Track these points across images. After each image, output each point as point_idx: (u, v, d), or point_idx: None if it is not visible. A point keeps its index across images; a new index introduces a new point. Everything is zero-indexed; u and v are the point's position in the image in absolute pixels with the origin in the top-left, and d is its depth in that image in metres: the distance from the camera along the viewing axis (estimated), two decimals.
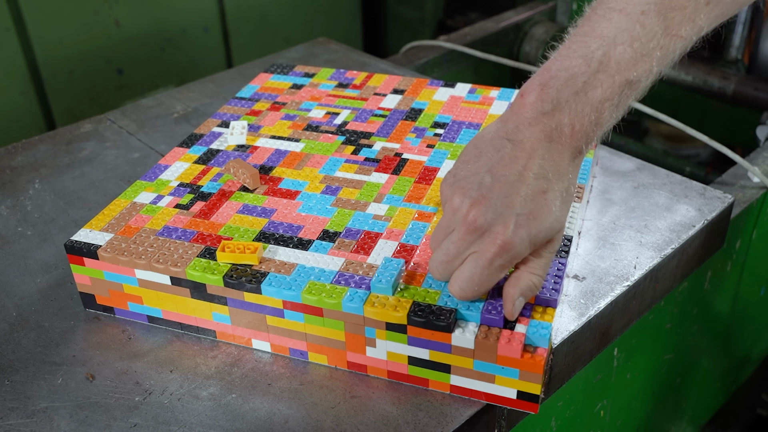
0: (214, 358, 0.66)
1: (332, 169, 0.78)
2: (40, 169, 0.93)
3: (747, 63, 1.44)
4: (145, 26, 1.62)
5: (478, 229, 0.54)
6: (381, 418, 0.59)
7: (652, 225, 0.77)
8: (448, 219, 0.57)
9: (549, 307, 0.60)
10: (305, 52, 1.23)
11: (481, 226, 0.54)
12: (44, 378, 0.64)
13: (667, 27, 0.54)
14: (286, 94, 0.94)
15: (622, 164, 0.88)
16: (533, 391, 0.58)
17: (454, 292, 0.57)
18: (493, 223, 0.54)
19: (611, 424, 0.93)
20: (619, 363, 0.86)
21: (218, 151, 0.82)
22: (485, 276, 0.55)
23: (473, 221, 0.54)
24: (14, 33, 1.45)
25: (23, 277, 0.75)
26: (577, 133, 0.55)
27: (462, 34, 1.45)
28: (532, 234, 0.55)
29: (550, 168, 0.55)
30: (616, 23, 0.54)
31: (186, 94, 1.10)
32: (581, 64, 0.55)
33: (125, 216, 0.71)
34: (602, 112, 0.55)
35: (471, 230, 0.54)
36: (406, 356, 0.60)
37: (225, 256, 0.64)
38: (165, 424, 0.59)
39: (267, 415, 0.60)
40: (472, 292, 0.56)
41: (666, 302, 0.89)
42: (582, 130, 0.55)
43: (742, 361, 1.26)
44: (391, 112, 0.89)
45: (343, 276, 0.62)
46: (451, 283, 0.57)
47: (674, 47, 0.55)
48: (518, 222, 0.54)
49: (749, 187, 0.96)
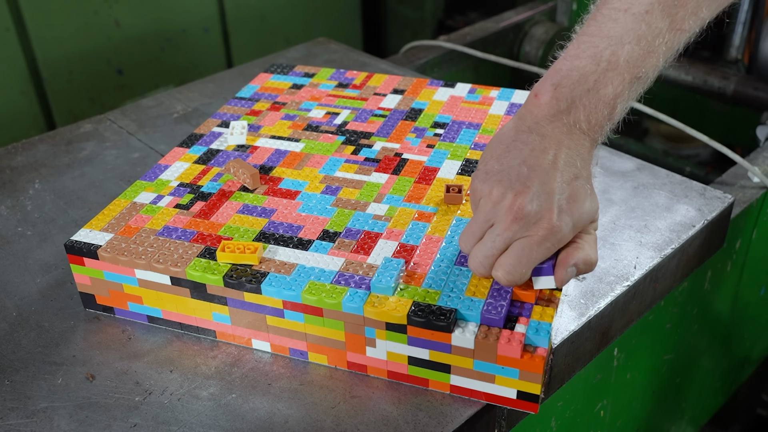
0: (214, 358, 0.66)
1: (332, 169, 0.78)
2: (40, 169, 0.93)
3: (747, 63, 1.44)
4: (145, 26, 1.62)
5: (525, 217, 0.55)
6: (381, 418, 0.59)
7: (652, 225, 0.77)
8: (486, 213, 0.57)
9: (548, 307, 0.60)
10: (305, 52, 1.23)
11: (528, 213, 0.55)
12: (44, 378, 0.64)
13: (671, 23, 0.56)
14: (286, 94, 0.94)
15: (622, 164, 0.88)
16: (533, 391, 0.58)
17: (500, 278, 0.57)
18: (540, 210, 0.55)
19: (611, 424, 0.93)
20: (619, 363, 0.86)
21: (218, 151, 0.82)
22: (533, 257, 0.56)
23: (520, 209, 0.55)
24: (14, 33, 1.44)
25: (23, 277, 0.75)
26: (594, 126, 0.58)
27: (462, 34, 1.45)
28: (575, 217, 0.56)
29: (577, 156, 0.57)
30: (622, 23, 0.56)
31: (186, 94, 1.10)
32: (591, 63, 0.56)
33: (125, 216, 0.71)
34: (614, 108, 0.57)
35: (518, 218, 0.55)
36: (406, 356, 0.61)
37: (225, 256, 0.64)
38: (165, 424, 0.59)
39: (267, 415, 0.60)
40: (520, 275, 0.57)
41: (666, 302, 0.89)
42: (597, 124, 0.58)
43: (742, 361, 1.26)
44: (391, 112, 0.89)
45: (343, 276, 0.62)
46: (496, 268, 0.57)
47: (679, 40, 0.57)
48: (561, 206, 0.55)
49: (749, 187, 0.96)
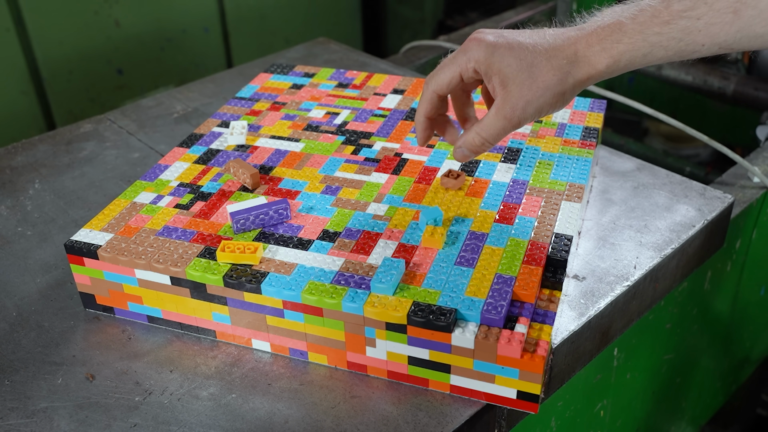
0: (214, 358, 0.66)
1: (332, 169, 0.78)
2: (40, 169, 0.93)
3: (747, 63, 1.44)
4: (145, 26, 1.62)
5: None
6: (381, 418, 0.59)
7: (652, 225, 0.77)
8: None
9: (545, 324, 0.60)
10: (305, 52, 1.23)
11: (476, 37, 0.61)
12: (44, 378, 0.64)
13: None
14: (286, 94, 0.94)
15: (622, 164, 0.88)
16: (533, 391, 0.58)
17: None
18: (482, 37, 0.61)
19: (611, 424, 0.93)
20: (619, 363, 0.86)
21: (218, 151, 0.82)
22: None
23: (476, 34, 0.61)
24: (14, 33, 1.44)
25: (23, 277, 0.75)
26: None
27: (462, 34, 1.45)
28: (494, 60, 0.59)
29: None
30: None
31: (186, 94, 1.10)
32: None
33: (125, 216, 0.71)
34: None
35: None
36: (406, 356, 0.61)
37: (225, 256, 0.64)
38: (165, 424, 0.59)
39: (267, 415, 0.60)
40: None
41: (666, 302, 0.89)
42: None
43: (742, 361, 1.26)
44: (391, 112, 0.89)
45: (343, 276, 0.62)
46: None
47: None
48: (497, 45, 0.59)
49: (749, 187, 0.96)
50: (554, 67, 0.59)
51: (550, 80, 0.59)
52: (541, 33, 0.61)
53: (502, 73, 0.60)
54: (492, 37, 0.61)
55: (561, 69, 0.59)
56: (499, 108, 0.60)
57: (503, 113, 0.60)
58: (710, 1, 0.54)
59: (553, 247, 0.66)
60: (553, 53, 0.59)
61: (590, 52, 0.58)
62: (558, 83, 0.59)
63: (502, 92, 0.60)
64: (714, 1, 0.54)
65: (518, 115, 0.60)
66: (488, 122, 0.61)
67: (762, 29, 0.54)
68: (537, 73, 0.59)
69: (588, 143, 0.81)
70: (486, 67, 0.60)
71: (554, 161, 0.78)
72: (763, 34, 0.54)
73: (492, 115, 0.61)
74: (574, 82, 0.59)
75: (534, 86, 0.59)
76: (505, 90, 0.60)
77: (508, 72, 0.59)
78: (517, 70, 0.59)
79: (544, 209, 0.70)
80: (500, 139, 0.62)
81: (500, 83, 0.60)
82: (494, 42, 0.60)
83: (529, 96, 0.59)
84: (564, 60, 0.59)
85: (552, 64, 0.59)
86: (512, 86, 0.59)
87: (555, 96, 0.59)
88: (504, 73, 0.59)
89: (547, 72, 0.59)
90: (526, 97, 0.59)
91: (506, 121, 0.60)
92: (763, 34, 0.54)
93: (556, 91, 0.59)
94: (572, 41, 0.59)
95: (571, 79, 0.59)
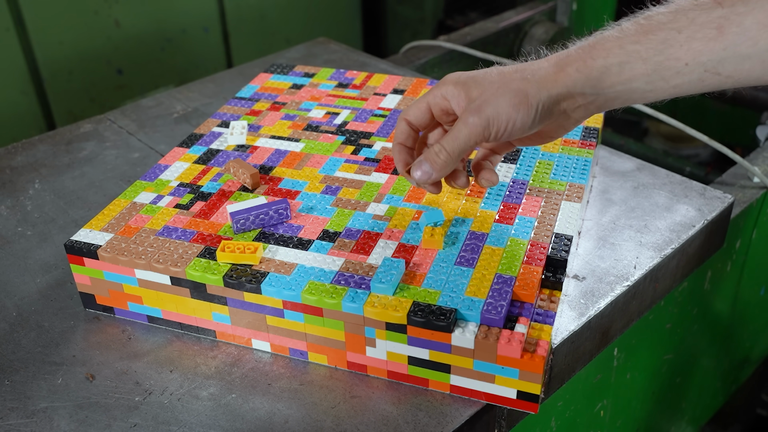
0: (214, 358, 0.66)
1: (332, 169, 0.78)
2: (40, 169, 0.93)
3: None
4: (145, 26, 1.62)
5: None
6: (381, 418, 0.59)
7: (652, 225, 0.77)
8: None
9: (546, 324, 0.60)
10: (305, 52, 1.23)
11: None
12: (44, 378, 0.64)
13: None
14: (286, 94, 0.94)
15: (622, 164, 0.88)
16: (533, 391, 0.58)
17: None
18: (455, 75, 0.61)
19: (611, 424, 0.93)
20: (619, 363, 0.86)
21: (218, 151, 0.82)
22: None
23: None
24: (14, 33, 1.44)
25: (23, 277, 0.75)
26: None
27: (462, 34, 1.45)
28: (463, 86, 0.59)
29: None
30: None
31: (186, 94, 1.10)
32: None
33: (125, 216, 0.71)
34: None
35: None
36: (406, 356, 0.60)
37: (225, 256, 0.64)
38: (165, 424, 0.59)
39: (267, 415, 0.60)
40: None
41: (666, 302, 0.89)
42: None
43: (742, 361, 1.26)
44: (391, 112, 0.89)
45: (343, 276, 0.62)
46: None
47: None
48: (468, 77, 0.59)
49: (749, 187, 0.96)
50: (518, 71, 0.58)
51: (511, 84, 0.57)
52: (514, 65, 0.60)
53: (469, 90, 0.59)
54: (463, 73, 0.60)
55: (524, 71, 0.58)
56: (461, 115, 0.59)
57: (464, 118, 0.58)
58: (692, 15, 0.52)
59: (553, 247, 0.66)
60: (521, 68, 0.58)
61: (561, 63, 0.57)
62: (518, 87, 0.57)
63: (466, 102, 0.59)
64: (696, 16, 0.52)
65: (480, 116, 0.57)
66: (451, 132, 0.59)
67: (748, 49, 0.51)
68: (498, 82, 0.58)
69: (588, 143, 0.81)
70: (454, 91, 0.59)
71: (554, 161, 0.78)
72: (750, 55, 0.51)
73: (456, 124, 0.59)
74: (538, 82, 0.57)
75: (495, 87, 0.57)
76: (469, 99, 0.58)
77: (472, 86, 0.59)
78: (480, 84, 0.58)
79: (544, 209, 0.70)
80: (464, 151, 0.59)
81: (465, 97, 0.59)
82: (464, 74, 0.60)
83: (488, 96, 0.57)
84: (530, 71, 0.58)
85: (518, 74, 0.58)
86: (475, 93, 0.58)
87: (516, 94, 0.56)
88: (470, 90, 0.59)
89: (511, 77, 0.58)
90: (485, 97, 0.57)
91: (469, 126, 0.57)
92: (749, 56, 0.51)
93: (517, 87, 0.57)
94: (544, 59, 0.58)
95: (534, 80, 0.57)
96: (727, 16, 0.51)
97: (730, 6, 0.51)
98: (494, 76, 0.59)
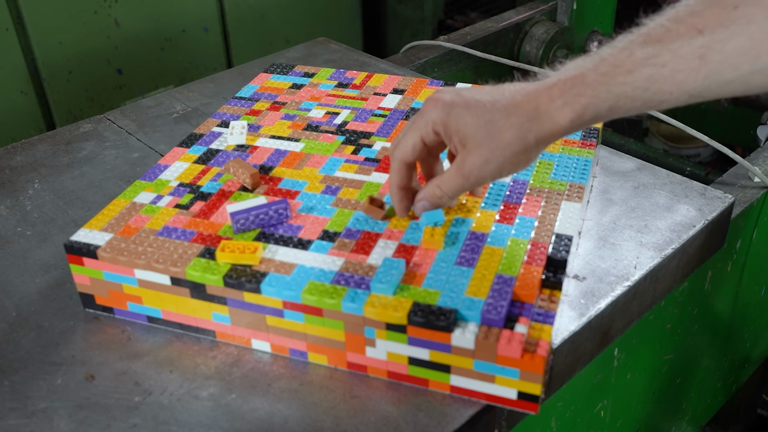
0: (213, 358, 0.65)
1: (332, 169, 0.78)
2: (40, 169, 0.93)
3: None
4: (145, 26, 1.62)
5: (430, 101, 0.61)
6: (381, 418, 0.59)
7: (652, 225, 0.77)
8: None
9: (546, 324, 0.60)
10: (305, 52, 1.23)
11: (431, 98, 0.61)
12: (44, 378, 0.64)
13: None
14: (286, 94, 0.94)
15: (622, 164, 0.88)
16: (533, 391, 0.58)
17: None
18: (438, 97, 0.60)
19: (611, 424, 0.93)
20: (619, 363, 0.86)
21: (218, 151, 0.82)
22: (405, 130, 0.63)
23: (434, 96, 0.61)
24: (14, 33, 1.44)
25: (23, 277, 0.75)
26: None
27: (462, 34, 1.45)
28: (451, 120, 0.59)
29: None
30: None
31: (186, 94, 1.10)
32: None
33: (125, 216, 0.71)
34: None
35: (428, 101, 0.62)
36: (406, 356, 0.60)
37: (225, 256, 0.64)
38: (165, 424, 0.59)
39: (267, 416, 0.60)
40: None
41: (666, 302, 0.89)
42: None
43: (742, 361, 1.26)
44: (391, 112, 0.89)
45: (343, 276, 0.62)
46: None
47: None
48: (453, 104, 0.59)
49: (749, 187, 0.96)
50: (514, 124, 0.57)
51: (510, 138, 0.57)
52: (501, 89, 0.59)
53: (460, 132, 0.59)
54: (449, 96, 0.60)
55: (521, 126, 0.57)
56: (459, 166, 0.60)
57: (461, 171, 0.60)
58: (674, 48, 0.52)
59: (553, 247, 0.66)
60: (513, 110, 0.57)
61: (552, 107, 0.56)
62: (518, 141, 0.57)
63: (462, 151, 0.59)
64: (678, 47, 0.52)
65: (476, 174, 0.59)
66: (447, 178, 0.62)
67: (731, 75, 0.51)
68: (495, 132, 0.57)
69: (588, 143, 0.81)
70: (444, 127, 0.59)
71: (554, 161, 0.78)
72: (733, 80, 0.52)
73: (452, 171, 0.61)
74: (536, 140, 0.57)
75: (493, 145, 0.57)
76: (464, 149, 0.59)
77: (465, 131, 0.58)
78: (474, 128, 0.58)
79: (545, 209, 0.70)
80: (459, 194, 0.63)
81: (459, 142, 0.59)
82: (450, 101, 0.59)
83: (487, 155, 0.58)
84: (524, 117, 0.57)
85: (511, 122, 0.57)
86: (471, 145, 0.58)
87: (515, 155, 0.58)
88: (462, 132, 0.58)
89: (507, 130, 0.57)
90: (485, 156, 0.58)
91: (464, 179, 0.60)
92: (732, 80, 0.52)
93: (516, 149, 0.58)
94: (532, 96, 0.57)
95: (532, 137, 0.57)
96: (709, 44, 0.51)
97: (710, 33, 0.51)
98: (488, 111, 0.58)
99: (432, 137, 0.61)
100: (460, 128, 0.59)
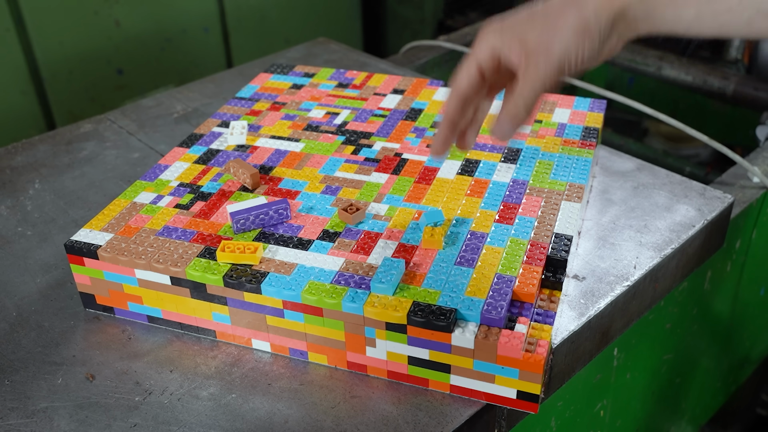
0: (214, 358, 0.66)
1: (332, 169, 0.78)
2: (40, 169, 0.93)
3: (747, 63, 1.44)
4: (145, 26, 1.62)
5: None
6: (381, 418, 0.59)
7: (652, 225, 0.77)
8: None
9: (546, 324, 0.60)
10: (305, 52, 1.23)
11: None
12: (44, 378, 0.64)
13: None
14: (286, 94, 0.94)
15: (622, 164, 0.88)
16: (533, 391, 0.58)
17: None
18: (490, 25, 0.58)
19: (611, 424, 0.93)
20: (619, 363, 0.86)
21: (218, 151, 0.82)
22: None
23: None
24: (14, 33, 1.44)
25: (23, 277, 0.75)
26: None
27: (462, 34, 1.45)
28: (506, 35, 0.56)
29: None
30: None
31: (186, 94, 1.10)
32: None
33: (125, 216, 0.71)
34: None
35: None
36: (406, 356, 0.61)
37: (225, 256, 0.64)
38: (165, 424, 0.59)
39: (267, 415, 0.60)
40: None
41: (666, 302, 0.89)
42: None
43: (742, 360, 1.26)
44: (391, 112, 0.89)
45: (343, 276, 0.62)
46: None
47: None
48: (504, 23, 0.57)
49: (749, 187, 0.96)
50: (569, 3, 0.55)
51: (568, 15, 0.55)
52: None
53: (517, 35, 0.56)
54: (498, 21, 0.58)
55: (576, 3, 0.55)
56: (525, 67, 0.56)
57: (531, 70, 0.56)
58: None
59: (553, 247, 0.66)
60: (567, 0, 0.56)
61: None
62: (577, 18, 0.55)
63: (524, 53, 0.56)
64: None
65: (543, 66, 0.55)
66: (524, 81, 0.56)
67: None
68: (552, 16, 0.55)
69: (588, 143, 0.81)
70: (501, 43, 0.57)
71: (554, 161, 0.78)
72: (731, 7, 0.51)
73: (521, 78, 0.56)
74: (595, 10, 0.55)
75: (551, 26, 0.55)
76: (525, 48, 0.56)
77: (522, 30, 0.56)
78: (530, 25, 0.56)
79: (544, 209, 0.70)
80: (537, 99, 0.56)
81: (519, 45, 0.56)
82: (501, 22, 0.57)
83: (547, 38, 0.55)
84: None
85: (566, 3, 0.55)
86: (530, 38, 0.55)
87: (577, 34, 0.55)
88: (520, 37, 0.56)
89: (563, 13, 0.55)
90: (546, 41, 0.55)
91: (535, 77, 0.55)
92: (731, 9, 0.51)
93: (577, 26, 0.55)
94: None
95: (591, 7, 0.55)
96: None
97: None
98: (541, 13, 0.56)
99: (488, 62, 0.58)
100: (516, 33, 0.56)
